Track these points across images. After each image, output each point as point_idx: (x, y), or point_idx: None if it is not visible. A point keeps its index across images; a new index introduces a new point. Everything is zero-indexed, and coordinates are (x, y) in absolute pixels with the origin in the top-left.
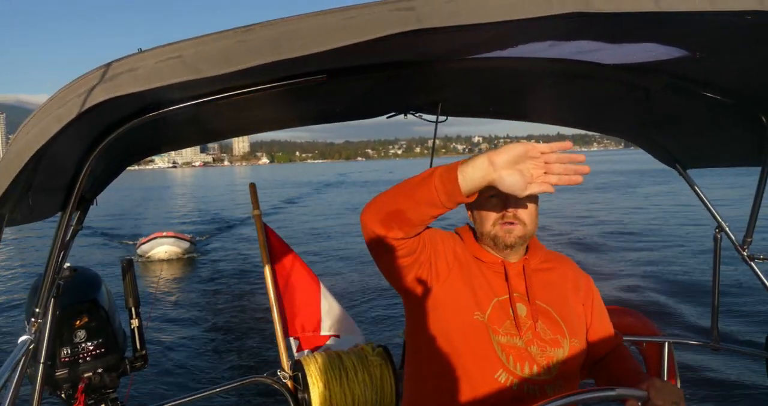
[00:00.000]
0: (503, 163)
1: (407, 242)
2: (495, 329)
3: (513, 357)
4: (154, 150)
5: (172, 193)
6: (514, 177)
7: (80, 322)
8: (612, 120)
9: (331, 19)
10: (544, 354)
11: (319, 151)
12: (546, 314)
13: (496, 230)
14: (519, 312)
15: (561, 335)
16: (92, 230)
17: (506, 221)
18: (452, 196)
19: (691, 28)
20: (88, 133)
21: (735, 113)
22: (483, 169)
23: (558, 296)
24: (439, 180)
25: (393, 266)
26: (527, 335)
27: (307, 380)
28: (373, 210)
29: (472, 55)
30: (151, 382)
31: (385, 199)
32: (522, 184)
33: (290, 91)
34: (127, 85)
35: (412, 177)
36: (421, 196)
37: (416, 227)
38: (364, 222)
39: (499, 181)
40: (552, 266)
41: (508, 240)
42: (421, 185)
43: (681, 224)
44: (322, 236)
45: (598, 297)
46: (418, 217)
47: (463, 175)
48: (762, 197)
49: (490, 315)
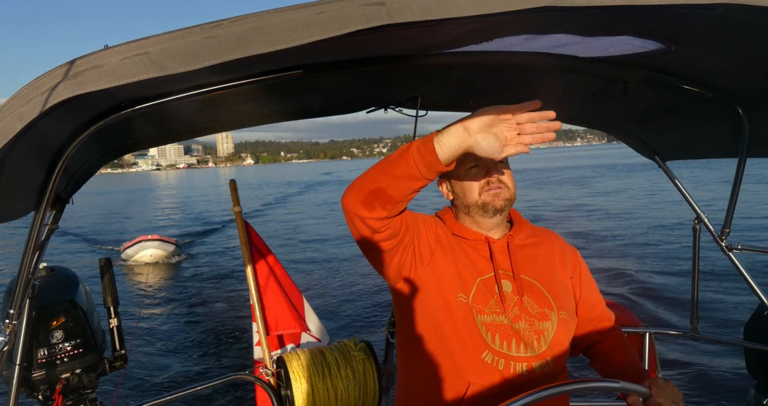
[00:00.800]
0: (477, 128)
1: (391, 221)
2: (479, 309)
3: (499, 336)
4: (131, 148)
5: (156, 196)
6: (489, 140)
7: (57, 322)
8: (591, 113)
9: (299, 14)
10: (532, 328)
11: (304, 150)
12: (532, 288)
13: (484, 198)
14: (504, 289)
15: (548, 309)
16: (75, 235)
17: (492, 186)
18: (431, 166)
19: (664, 21)
20: (59, 132)
21: (713, 106)
22: (458, 135)
23: (544, 270)
24: (417, 152)
25: (377, 249)
26: (514, 310)
27: (290, 377)
28: (353, 192)
29: (448, 50)
30: (135, 381)
31: (364, 180)
32: (498, 146)
33: (267, 87)
34: (91, 82)
35: (387, 156)
36: (401, 170)
37: (398, 203)
38: (345, 205)
39: (475, 145)
40: (537, 241)
41: (498, 204)
42: (399, 160)
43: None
44: (306, 234)
45: (586, 270)
46: (400, 192)
47: (439, 145)
48: (739, 189)
49: (474, 295)
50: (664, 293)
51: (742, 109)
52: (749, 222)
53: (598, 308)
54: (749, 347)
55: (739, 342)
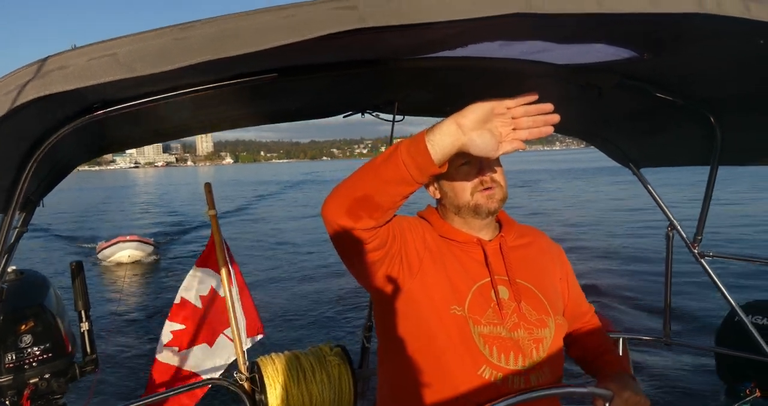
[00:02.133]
0: (472, 125)
1: (378, 231)
2: (476, 320)
3: (497, 349)
4: (103, 150)
5: (133, 195)
6: (484, 137)
7: (26, 326)
8: (567, 119)
9: (269, 17)
10: (531, 337)
11: (285, 150)
12: (529, 293)
13: (476, 199)
14: (501, 295)
15: (545, 315)
16: (49, 233)
17: (486, 186)
18: (424, 168)
19: (636, 29)
20: (26, 135)
21: (685, 113)
22: (452, 134)
23: (538, 272)
24: (407, 154)
25: (363, 262)
26: (512, 319)
27: (265, 382)
28: (336, 201)
29: (422, 55)
30: (105, 386)
31: (348, 187)
32: (494, 144)
33: (242, 90)
34: (57, 83)
35: (372, 159)
36: (389, 174)
37: (387, 211)
38: (327, 216)
39: (470, 143)
40: (528, 241)
41: (492, 206)
42: (387, 164)
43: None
44: (280, 235)
45: (570, 268)
46: (389, 199)
47: (432, 144)
48: (711, 196)
49: (470, 304)
50: (637, 299)
51: (713, 118)
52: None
53: (582, 304)
54: (720, 353)
55: (710, 348)
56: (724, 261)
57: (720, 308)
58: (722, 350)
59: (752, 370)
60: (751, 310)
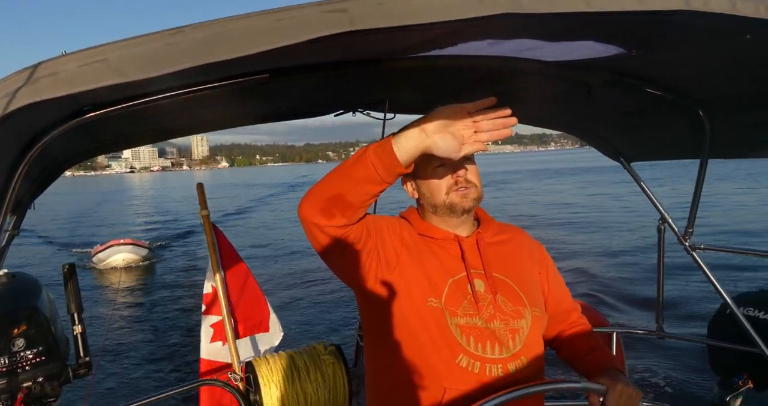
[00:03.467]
0: (434, 129)
1: (351, 228)
2: (453, 311)
3: (474, 338)
4: (95, 152)
5: (129, 198)
6: (446, 140)
7: (18, 330)
8: (557, 115)
9: (260, 21)
10: (507, 327)
11: (280, 154)
12: (504, 286)
13: (451, 198)
14: (477, 288)
15: (522, 306)
16: (43, 238)
17: (460, 186)
18: (390, 169)
19: (624, 27)
20: (18, 137)
21: (675, 108)
22: (416, 137)
23: (515, 267)
24: (375, 155)
25: (340, 258)
26: (488, 310)
27: (259, 382)
28: (310, 201)
29: (413, 54)
30: (100, 388)
31: (321, 188)
32: (456, 145)
33: (234, 91)
34: (47, 89)
35: (343, 162)
36: (359, 174)
37: (357, 209)
38: (302, 215)
39: (433, 146)
40: (506, 238)
41: (467, 204)
42: (356, 165)
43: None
44: (277, 236)
45: (552, 264)
46: (359, 197)
47: (398, 147)
48: (701, 189)
49: (446, 297)
50: (630, 293)
51: (703, 112)
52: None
53: (565, 301)
54: (713, 345)
55: (702, 340)
56: (716, 253)
57: (712, 301)
58: (714, 343)
59: (744, 362)
60: (743, 302)
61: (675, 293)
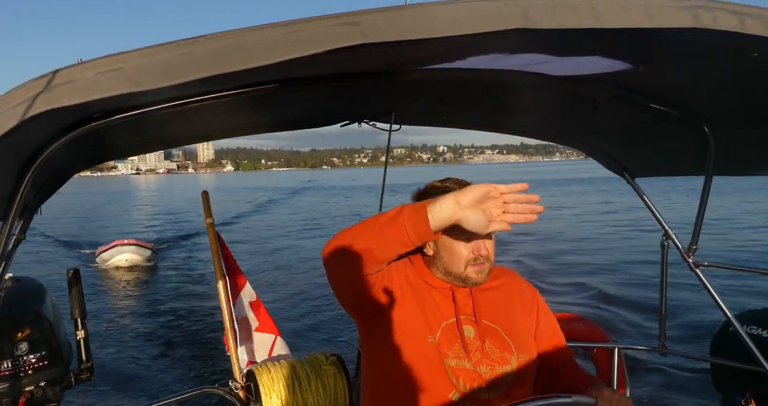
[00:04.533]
0: (468, 203)
1: (372, 276)
2: (445, 353)
3: (463, 379)
4: (102, 158)
5: (134, 200)
6: (477, 216)
7: (22, 334)
8: (562, 129)
9: (275, 32)
10: (493, 372)
11: (285, 159)
12: (493, 333)
13: (468, 272)
14: (467, 334)
15: (508, 353)
16: (49, 238)
17: (479, 262)
18: (421, 235)
19: (632, 42)
20: (28, 143)
21: (680, 124)
22: (450, 208)
23: (505, 314)
24: (408, 220)
25: (355, 298)
26: (476, 355)
27: (260, 391)
28: (337, 250)
29: (421, 67)
30: (100, 394)
31: (350, 238)
32: (485, 222)
33: (242, 100)
34: (64, 97)
35: (377, 215)
36: (391, 235)
37: (382, 263)
38: (327, 260)
39: (464, 220)
40: (499, 284)
41: (480, 279)
42: (389, 225)
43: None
44: (278, 243)
45: (543, 306)
46: (387, 255)
47: (432, 215)
48: (706, 206)
49: (439, 339)
50: (632, 308)
51: (708, 128)
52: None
53: (554, 341)
54: (715, 363)
55: (705, 358)
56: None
57: (715, 318)
58: (717, 360)
59: (747, 380)
60: (746, 320)
61: (678, 309)
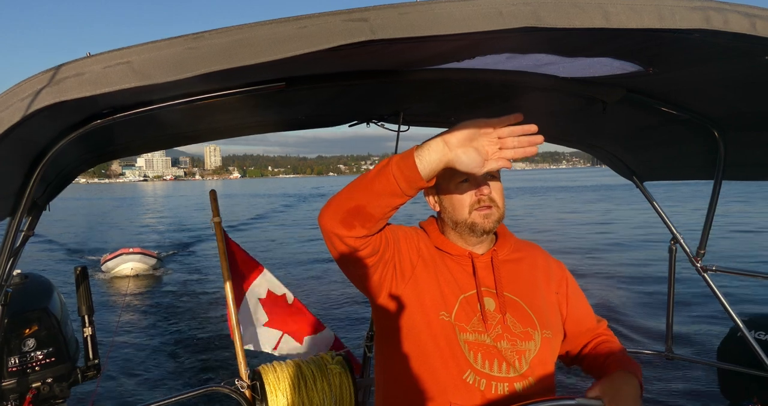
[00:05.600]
0: (458, 142)
1: (370, 239)
2: (462, 327)
3: (481, 355)
4: (110, 155)
5: (141, 207)
6: (470, 154)
7: (30, 330)
8: (570, 132)
9: (283, 28)
10: (515, 348)
11: (292, 165)
12: (515, 306)
13: (473, 217)
14: (487, 307)
15: (532, 327)
16: (56, 245)
17: (483, 205)
18: (412, 181)
19: (643, 44)
20: (39, 138)
21: (690, 128)
22: (438, 150)
23: (528, 287)
24: (397, 168)
25: (357, 267)
26: (496, 329)
27: (266, 389)
28: (331, 211)
29: (429, 66)
30: (108, 392)
31: (342, 198)
32: (479, 161)
33: (250, 98)
34: (72, 90)
35: (365, 173)
36: (381, 187)
37: (378, 221)
38: (323, 225)
39: (455, 160)
40: (521, 256)
41: (487, 226)
42: (378, 177)
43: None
44: (285, 246)
45: (573, 284)
46: (380, 209)
47: (420, 159)
48: (715, 210)
49: (456, 313)
50: (639, 313)
51: (718, 132)
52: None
53: (586, 321)
54: (722, 368)
55: (712, 363)
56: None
57: (723, 323)
58: (724, 366)
59: (755, 385)
60: (754, 325)
61: (685, 314)
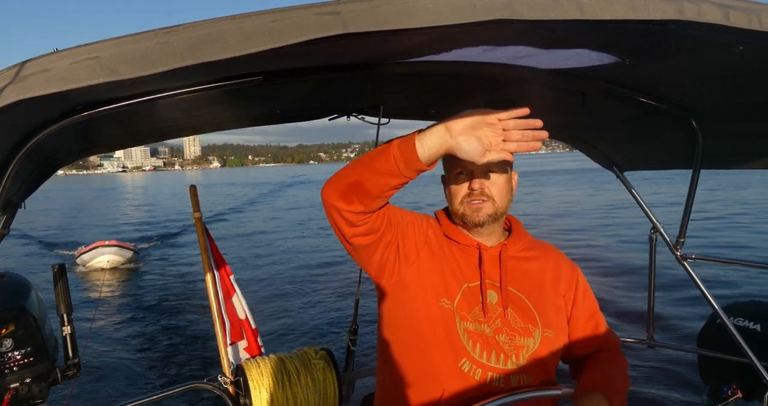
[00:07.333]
0: (460, 129)
1: (368, 217)
2: (463, 315)
3: (479, 345)
4: (87, 151)
5: (119, 198)
6: (471, 143)
7: (6, 330)
8: (551, 123)
9: (252, 22)
10: (513, 343)
11: (272, 154)
12: (518, 302)
13: (464, 209)
14: (489, 299)
15: (533, 325)
16: (29, 238)
17: (473, 198)
18: (410, 163)
19: (618, 35)
20: (8, 135)
21: (668, 118)
22: (440, 135)
23: (534, 286)
24: (398, 148)
25: (356, 244)
26: (496, 322)
27: (249, 385)
28: (332, 184)
29: (407, 59)
30: (88, 391)
31: (344, 173)
32: (479, 150)
33: (227, 93)
34: (38, 86)
35: (369, 151)
36: (380, 165)
37: (376, 199)
38: (324, 197)
39: (456, 147)
40: (533, 255)
41: (477, 219)
42: (379, 155)
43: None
44: (263, 240)
45: (583, 286)
46: (377, 188)
47: (420, 143)
48: (694, 199)
49: (459, 301)
50: (620, 301)
51: (695, 122)
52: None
53: (589, 329)
54: (703, 355)
55: (692, 349)
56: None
57: (703, 310)
58: (704, 352)
59: (734, 371)
60: (733, 312)
61: (666, 302)
